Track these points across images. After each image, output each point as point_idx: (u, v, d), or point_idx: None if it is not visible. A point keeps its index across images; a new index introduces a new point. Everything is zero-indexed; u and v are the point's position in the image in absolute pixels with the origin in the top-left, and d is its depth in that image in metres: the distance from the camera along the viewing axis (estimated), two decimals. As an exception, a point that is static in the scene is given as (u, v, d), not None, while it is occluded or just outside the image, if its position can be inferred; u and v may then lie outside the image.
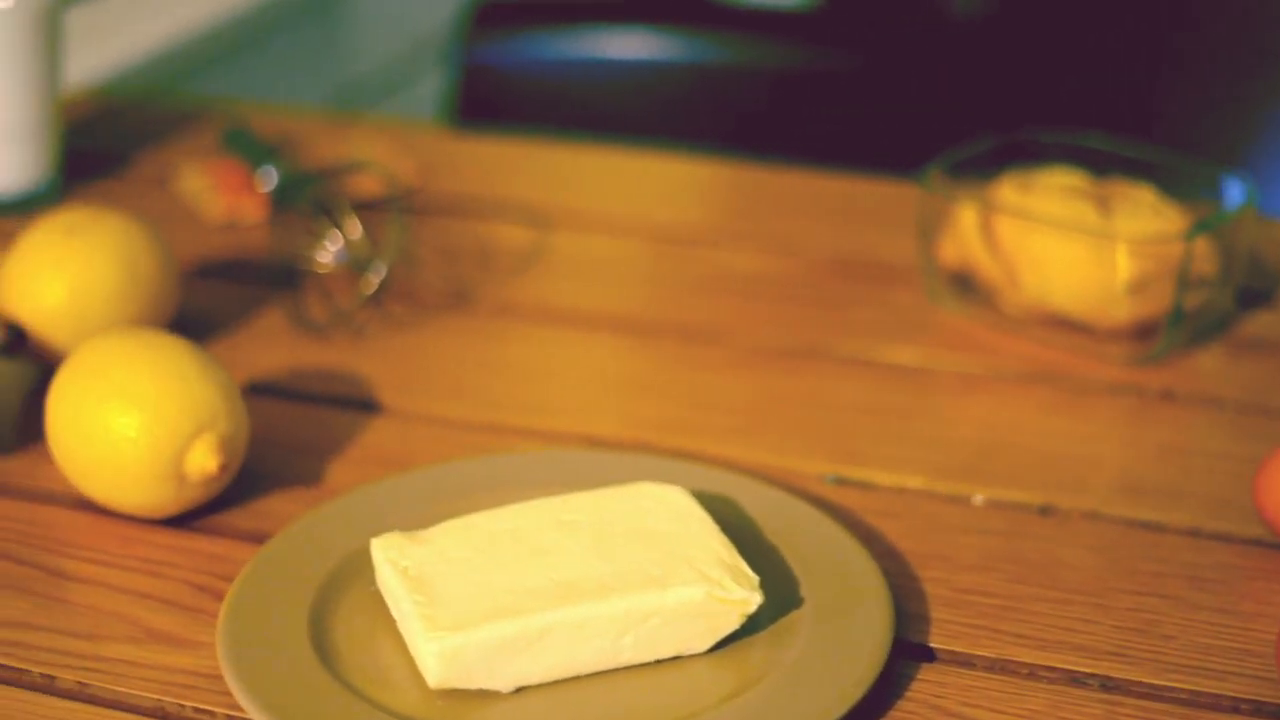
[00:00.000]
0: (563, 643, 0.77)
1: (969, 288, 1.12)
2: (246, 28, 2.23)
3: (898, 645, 0.81)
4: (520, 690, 0.77)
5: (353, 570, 0.84)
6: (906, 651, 0.82)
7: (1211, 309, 1.10)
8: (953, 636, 0.83)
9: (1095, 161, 1.15)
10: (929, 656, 0.82)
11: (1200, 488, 0.96)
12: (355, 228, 1.12)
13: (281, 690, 0.76)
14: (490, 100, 1.98)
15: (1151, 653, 0.82)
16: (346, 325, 1.11)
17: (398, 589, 0.78)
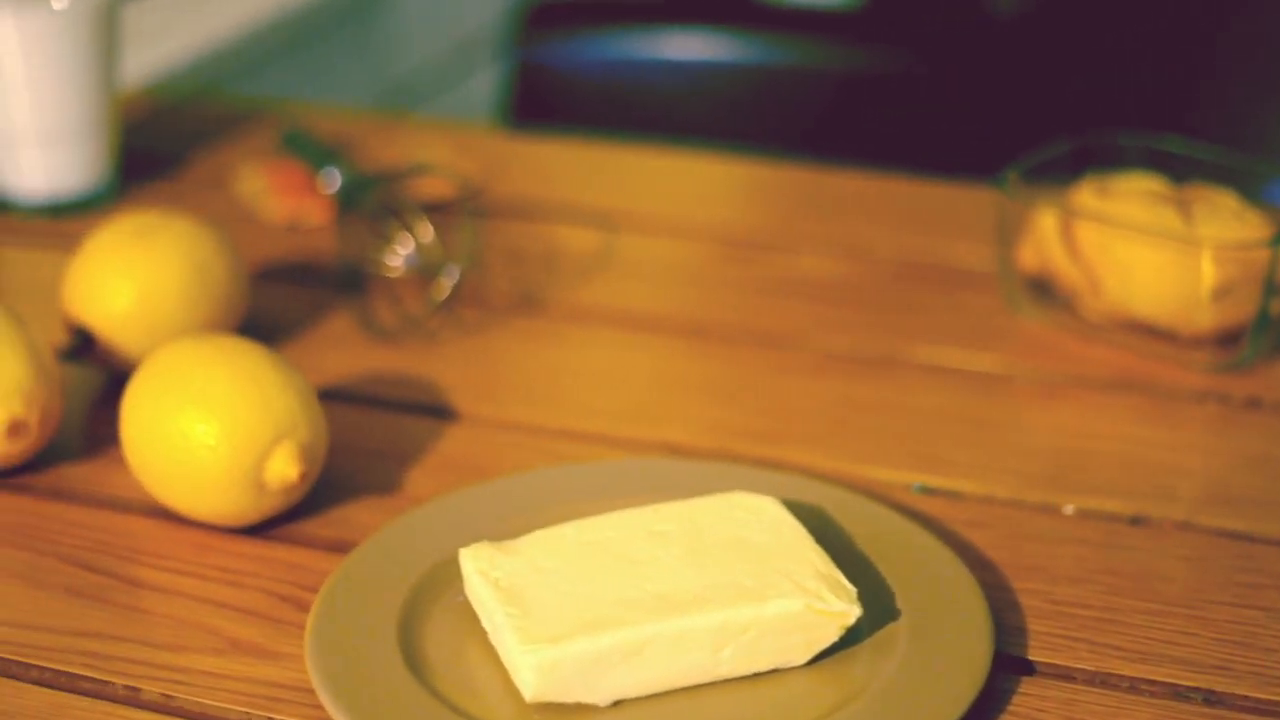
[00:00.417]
0: (660, 656, 0.75)
1: (1048, 294, 1.11)
2: (288, 29, 2.22)
3: (997, 658, 0.79)
4: (617, 704, 0.76)
5: (440, 580, 0.82)
6: (1006, 665, 0.80)
7: (1296, 315, 1.08)
8: (1052, 649, 0.81)
9: (1167, 165, 1.13)
10: (1029, 670, 0.80)
11: (1291, 497, 0.94)
12: (427, 231, 1.10)
13: (375, 703, 0.74)
14: (545, 101, 1.96)
15: (1254, 666, 0.80)
16: (418, 330, 1.09)
17: (489, 600, 0.77)
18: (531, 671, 0.74)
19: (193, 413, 0.87)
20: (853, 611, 0.77)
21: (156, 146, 1.40)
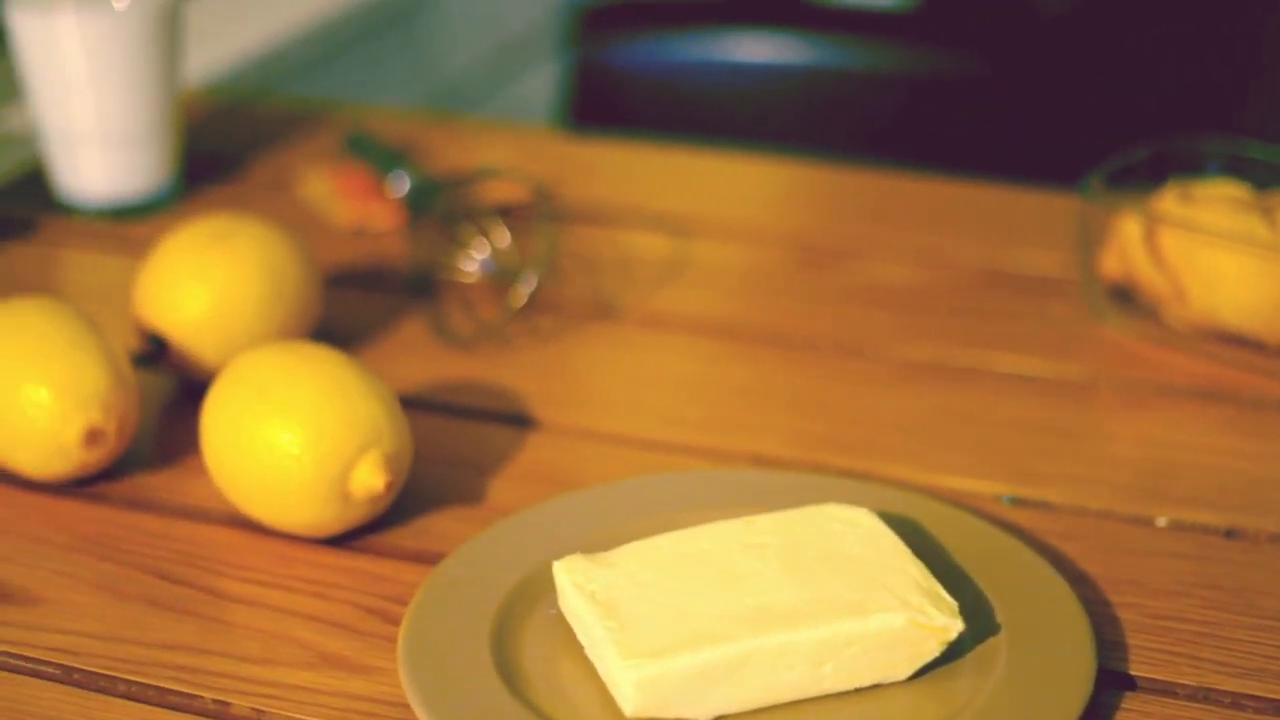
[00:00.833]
0: (762, 671, 0.74)
1: (1131, 301, 1.09)
2: (336, 31, 2.21)
3: (1099, 673, 0.78)
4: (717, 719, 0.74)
5: (532, 593, 0.81)
6: (1107, 680, 0.79)
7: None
8: (1153, 665, 0.80)
9: (1246, 170, 1.12)
10: (1130, 685, 0.79)
11: (1387, 509, 0.93)
12: (504, 236, 1.09)
13: (471, 718, 0.73)
14: (605, 102, 1.95)
15: (1360, 684, 0.79)
16: (493, 337, 1.08)
17: (586, 614, 0.76)
18: (633, 687, 0.72)
19: (277, 422, 0.86)
20: (955, 626, 0.76)
21: (217, 148, 1.39)
